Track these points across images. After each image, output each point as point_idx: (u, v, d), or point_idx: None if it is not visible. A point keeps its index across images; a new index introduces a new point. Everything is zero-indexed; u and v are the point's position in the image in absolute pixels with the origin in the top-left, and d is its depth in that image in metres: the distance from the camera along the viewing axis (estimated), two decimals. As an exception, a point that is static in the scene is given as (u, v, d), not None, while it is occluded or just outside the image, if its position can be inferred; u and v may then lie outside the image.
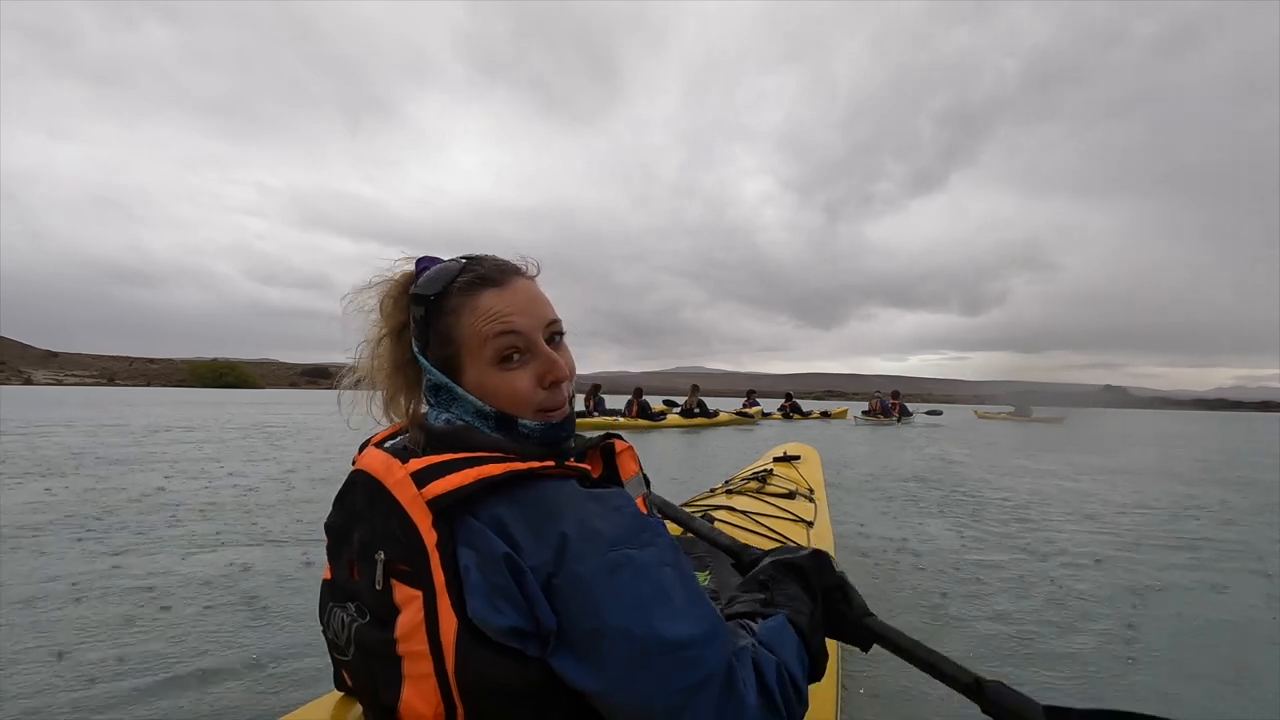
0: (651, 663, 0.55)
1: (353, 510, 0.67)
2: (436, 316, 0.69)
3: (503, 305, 0.68)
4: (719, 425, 16.36)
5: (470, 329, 0.68)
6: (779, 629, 0.70)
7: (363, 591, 0.63)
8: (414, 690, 0.58)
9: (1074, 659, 2.26)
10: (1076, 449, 12.07)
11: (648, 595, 0.57)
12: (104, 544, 3.52)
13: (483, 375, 0.68)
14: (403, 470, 0.60)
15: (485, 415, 0.69)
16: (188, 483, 5.73)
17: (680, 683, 0.55)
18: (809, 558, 0.82)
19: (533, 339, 0.69)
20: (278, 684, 1.95)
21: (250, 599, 2.70)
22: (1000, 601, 2.85)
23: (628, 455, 0.76)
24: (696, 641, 0.57)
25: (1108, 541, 4.16)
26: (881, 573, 3.26)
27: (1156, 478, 7.88)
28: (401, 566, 0.59)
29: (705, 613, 0.59)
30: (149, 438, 10.00)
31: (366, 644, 0.62)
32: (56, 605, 2.57)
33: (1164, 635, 2.54)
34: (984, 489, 6.41)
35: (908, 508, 5.25)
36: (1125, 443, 14.65)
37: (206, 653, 2.15)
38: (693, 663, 0.56)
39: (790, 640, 0.69)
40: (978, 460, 9.44)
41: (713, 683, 0.56)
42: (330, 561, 0.72)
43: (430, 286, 0.70)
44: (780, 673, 0.64)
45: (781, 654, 0.67)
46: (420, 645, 0.57)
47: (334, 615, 0.68)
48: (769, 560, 0.84)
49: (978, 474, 7.70)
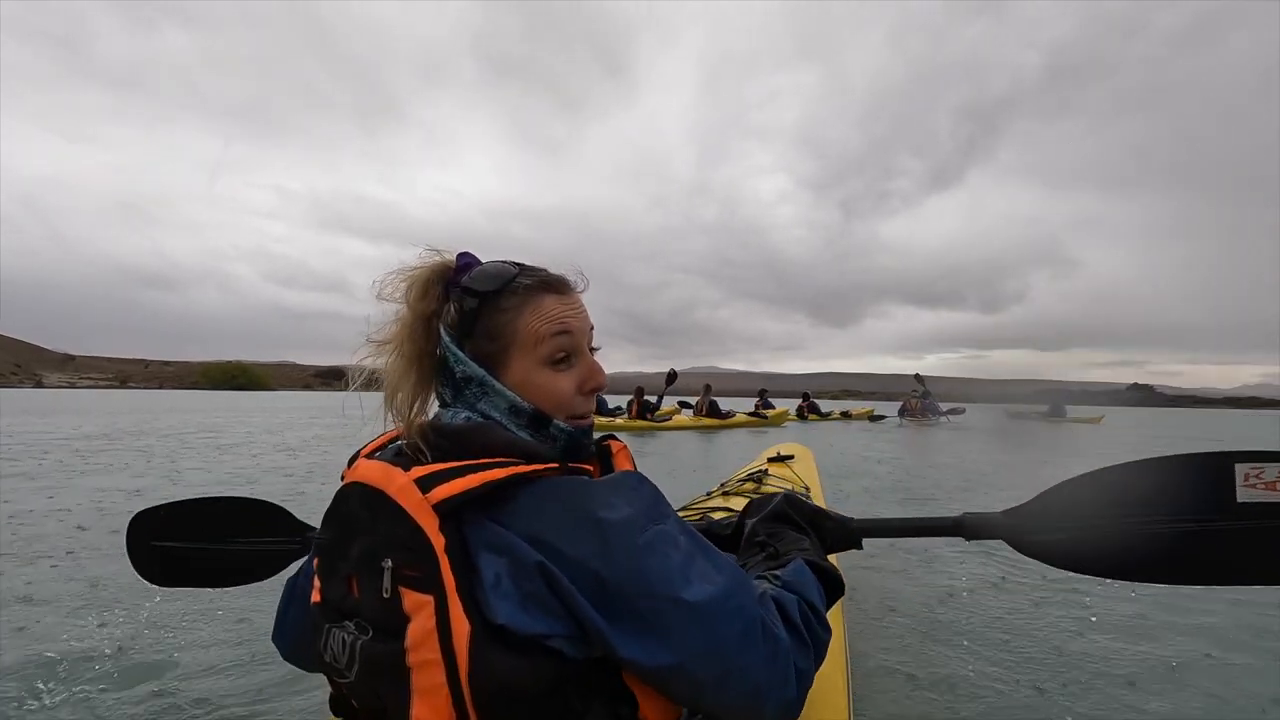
0: (706, 621, 0.57)
1: (349, 523, 0.65)
2: (489, 312, 0.70)
3: (564, 310, 0.72)
4: (732, 427, 14.96)
5: (527, 327, 0.70)
6: (798, 571, 0.75)
7: (364, 607, 0.62)
8: (424, 703, 0.57)
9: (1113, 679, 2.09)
10: (1129, 452, 10.08)
11: (681, 562, 0.59)
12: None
13: (530, 373, 0.70)
14: (405, 477, 0.60)
15: (520, 411, 0.70)
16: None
17: (734, 631, 0.58)
18: (784, 501, 0.93)
19: (582, 346, 0.73)
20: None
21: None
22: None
23: (623, 455, 0.77)
24: (734, 592, 0.60)
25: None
26: (887, 565, 3.23)
27: None
28: (410, 572, 0.58)
29: (727, 564, 0.63)
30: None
31: (371, 660, 0.61)
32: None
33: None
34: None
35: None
36: (1176, 446, 12.46)
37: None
38: (738, 611, 0.59)
39: (809, 578, 0.75)
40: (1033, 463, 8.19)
41: (755, 626, 0.60)
42: (320, 582, 0.69)
43: (489, 282, 0.71)
44: (802, 607, 0.69)
45: (803, 592, 0.72)
46: (432, 653, 0.56)
47: (332, 637, 0.65)
48: (754, 521, 0.92)
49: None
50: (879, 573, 3.20)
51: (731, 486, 2.36)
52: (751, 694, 0.59)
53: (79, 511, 4.41)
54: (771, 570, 0.77)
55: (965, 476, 7.08)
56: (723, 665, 0.57)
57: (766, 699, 0.60)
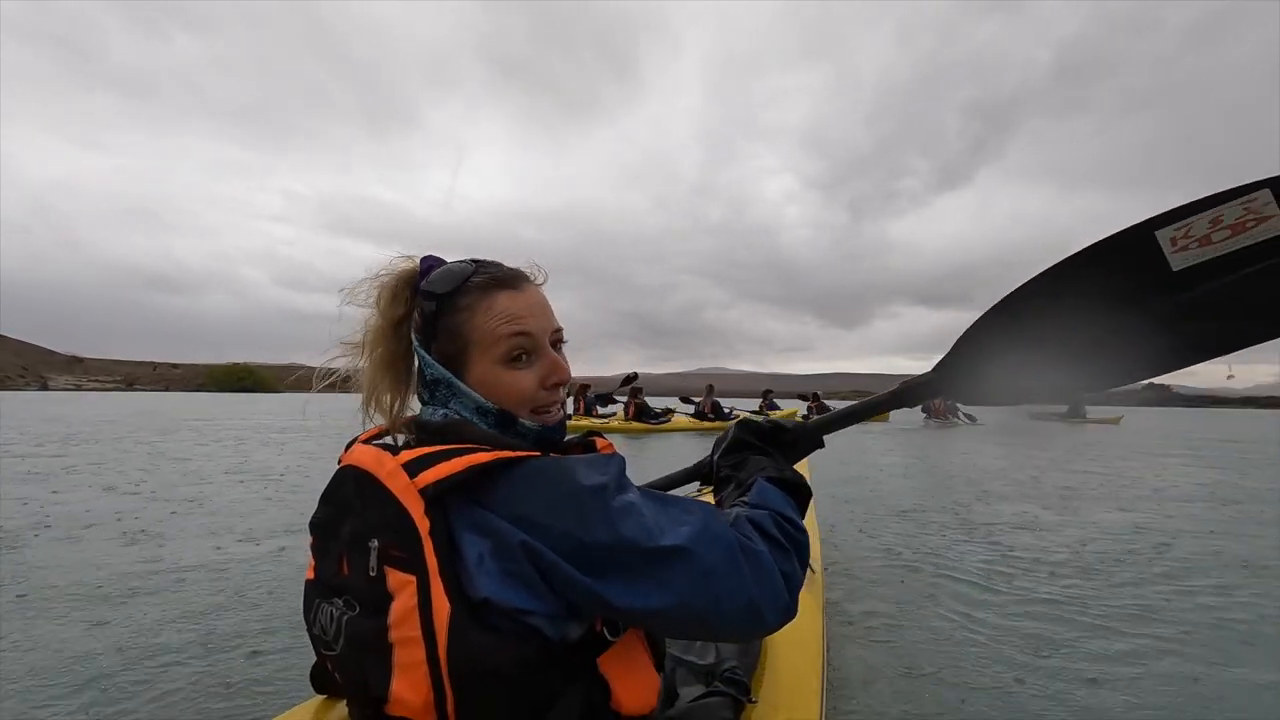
0: (689, 557, 0.60)
1: (342, 504, 0.68)
2: (447, 313, 0.72)
3: (516, 307, 0.72)
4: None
5: (483, 327, 0.71)
6: (759, 490, 0.78)
7: (353, 584, 0.64)
8: (404, 679, 0.59)
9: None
10: (1152, 455, 9.35)
11: (653, 515, 0.62)
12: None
13: (488, 373, 0.71)
14: (394, 462, 0.63)
15: (485, 412, 0.71)
16: None
17: (716, 558, 0.62)
18: (739, 429, 0.94)
19: (540, 341, 0.73)
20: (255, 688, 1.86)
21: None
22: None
23: (608, 450, 0.79)
24: (708, 524, 0.64)
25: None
26: (867, 564, 3.25)
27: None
28: (395, 553, 0.60)
29: (695, 505, 0.66)
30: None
31: (357, 635, 0.63)
32: None
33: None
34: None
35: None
36: (1204, 450, 11.36)
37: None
38: (715, 539, 0.63)
39: (772, 492, 0.78)
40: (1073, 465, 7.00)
41: (734, 548, 0.63)
42: (315, 559, 0.72)
43: (443, 284, 0.72)
44: (776, 519, 0.72)
45: (772, 505, 0.75)
46: (413, 630, 0.58)
47: (321, 611, 0.68)
48: (713, 458, 0.95)
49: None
50: (865, 583, 3.02)
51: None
52: (748, 608, 0.62)
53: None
54: (741, 499, 0.79)
55: (1007, 482, 6.08)
56: (715, 592, 0.60)
57: (764, 609, 0.63)
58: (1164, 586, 2.97)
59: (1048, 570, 3.19)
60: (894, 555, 3.46)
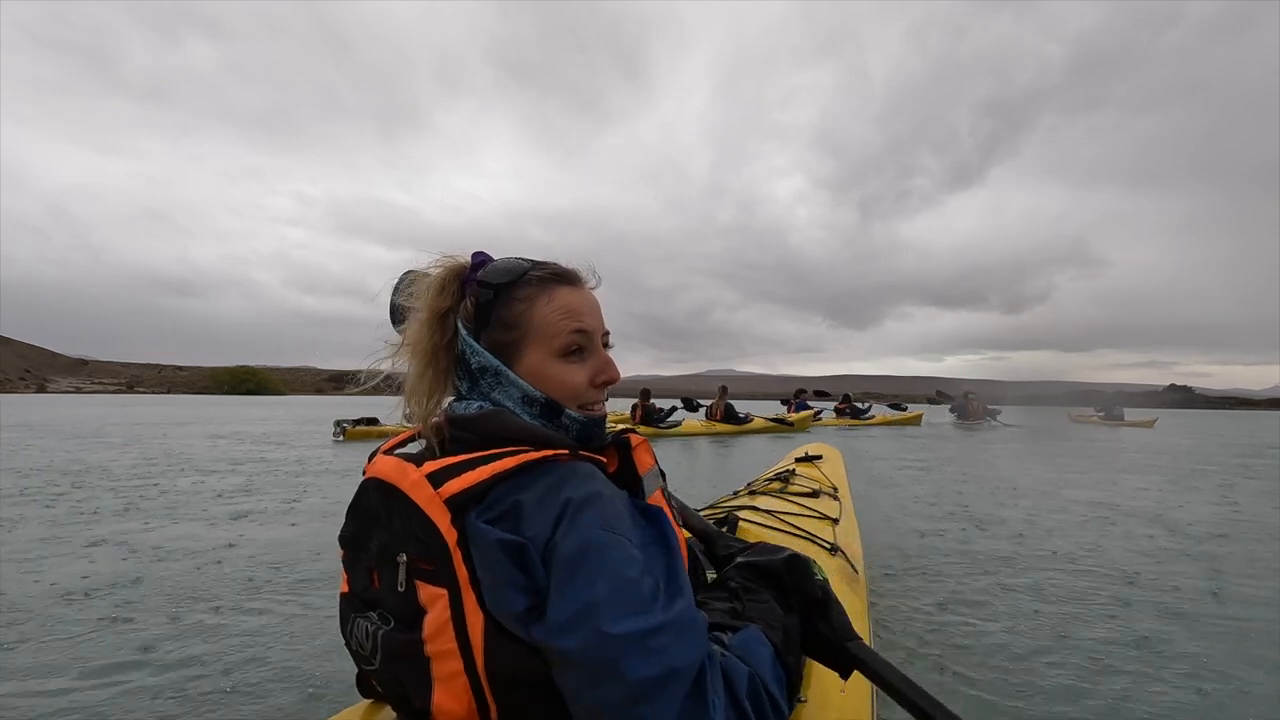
0: (616, 644, 0.54)
1: (368, 517, 0.68)
2: (503, 303, 0.72)
3: (577, 303, 0.74)
4: (748, 433, 13.14)
5: (542, 318, 0.72)
6: (752, 641, 0.68)
7: (385, 598, 0.65)
8: (445, 690, 0.60)
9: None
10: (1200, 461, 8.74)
11: (630, 578, 0.57)
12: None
13: (543, 363, 0.72)
14: (418, 472, 0.62)
15: (533, 400, 0.71)
16: None
17: (641, 672, 0.53)
18: (786, 562, 0.81)
19: (595, 340, 0.75)
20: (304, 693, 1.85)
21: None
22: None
23: (643, 449, 0.76)
24: (667, 630, 0.55)
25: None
26: (910, 566, 3.13)
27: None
28: (424, 566, 0.61)
29: (684, 606, 0.59)
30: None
31: (393, 650, 0.64)
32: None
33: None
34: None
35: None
36: (1258, 456, 10.57)
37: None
38: (659, 652, 0.54)
39: (765, 655, 0.67)
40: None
41: (678, 681, 0.54)
42: (347, 573, 0.72)
43: (501, 276, 0.73)
44: (754, 684, 0.62)
45: (755, 666, 0.64)
46: (449, 644, 0.59)
47: (356, 626, 0.69)
48: (740, 561, 0.83)
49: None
50: (909, 584, 2.91)
51: (758, 485, 2.34)
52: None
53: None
54: (722, 631, 0.70)
55: (1056, 499, 5.30)
56: (609, 696, 0.53)
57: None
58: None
59: (1108, 582, 3.01)
60: (938, 556, 3.40)
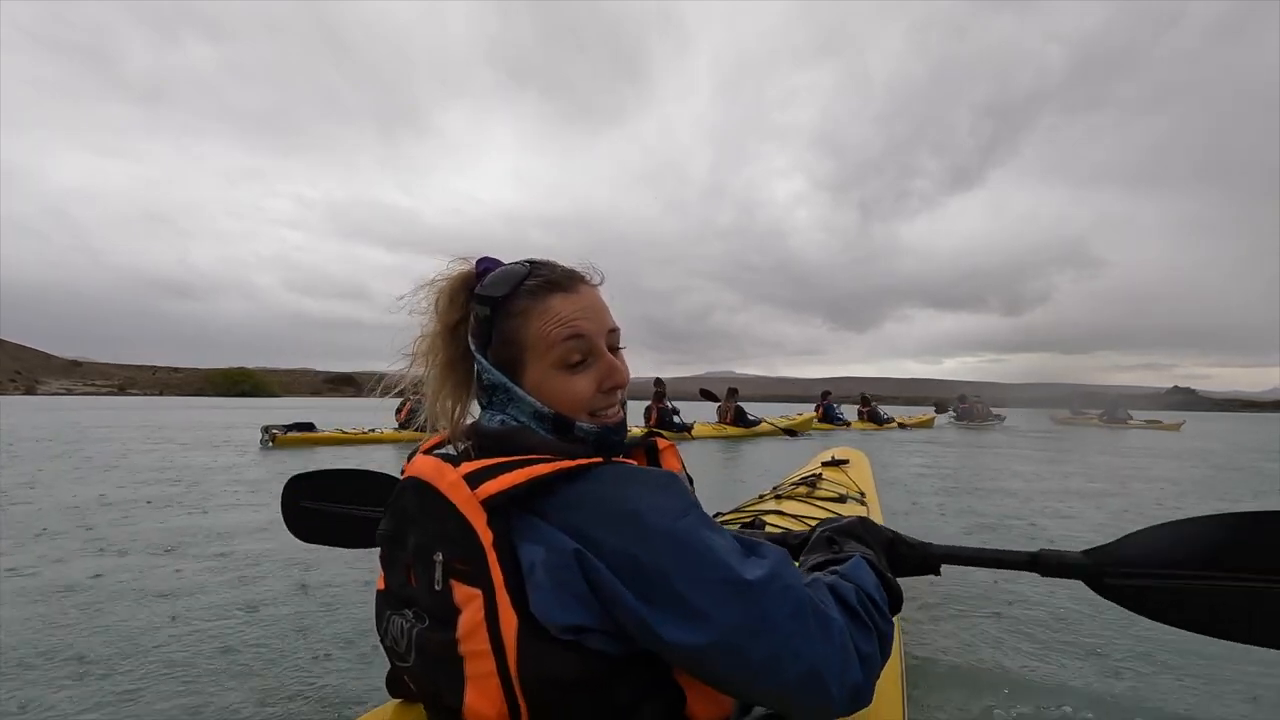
0: (748, 598, 0.55)
1: (405, 515, 0.68)
2: (502, 318, 0.70)
3: (571, 310, 0.69)
4: (756, 436, 13.08)
5: (537, 332, 0.69)
6: (856, 565, 0.72)
7: (420, 596, 0.64)
8: (477, 691, 0.59)
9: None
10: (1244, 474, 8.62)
11: (720, 546, 0.58)
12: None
13: (545, 377, 0.69)
14: (455, 473, 0.62)
15: (543, 417, 0.70)
16: None
17: (781, 610, 0.56)
18: (858, 522, 0.88)
19: (597, 345, 0.71)
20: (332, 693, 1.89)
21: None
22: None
23: (670, 453, 0.77)
24: (779, 573, 0.58)
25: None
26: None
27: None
28: (460, 566, 0.60)
29: (770, 550, 0.61)
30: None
31: (427, 648, 0.63)
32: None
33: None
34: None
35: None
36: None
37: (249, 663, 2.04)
38: (784, 590, 0.57)
39: (867, 574, 0.71)
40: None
41: (805, 606, 0.58)
42: (384, 570, 0.72)
43: (497, 288, 0.70)
44: (860, 594, 0.66)
45: (861, 583, 0.68)
46: (482, 644, 0.58)
47: (392, 623, 0.68)
48: (823, 528, 0.87)
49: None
50: (938, 597, 2.84)
51: (785, 489, 2.32)
52: (810, 677, 0.56)
53: None
54: (831, 567, 0.74)
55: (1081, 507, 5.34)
56: (771, 646, 0.55)
57: (830, 682, 0.57)
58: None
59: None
60: (966, 569, 3.02)
